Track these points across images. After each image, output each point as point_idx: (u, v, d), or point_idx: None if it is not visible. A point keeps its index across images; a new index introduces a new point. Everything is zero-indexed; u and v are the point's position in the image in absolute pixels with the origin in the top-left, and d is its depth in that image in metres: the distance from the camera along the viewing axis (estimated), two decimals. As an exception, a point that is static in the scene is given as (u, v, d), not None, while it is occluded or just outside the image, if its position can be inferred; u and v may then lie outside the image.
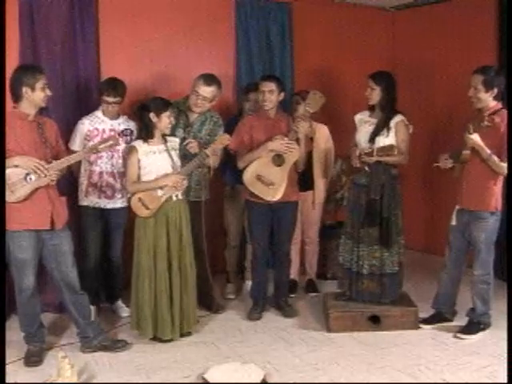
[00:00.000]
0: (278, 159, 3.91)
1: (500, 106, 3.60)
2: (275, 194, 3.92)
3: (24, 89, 3.21)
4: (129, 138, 3.91)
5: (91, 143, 3.76)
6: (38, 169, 3.16)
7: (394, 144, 3.75)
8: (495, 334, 3.73)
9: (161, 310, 3.57)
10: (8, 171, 3.14)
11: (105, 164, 3.91)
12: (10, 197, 3.17)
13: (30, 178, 3.19)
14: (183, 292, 3.65)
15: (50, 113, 3.84)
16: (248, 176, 3.95)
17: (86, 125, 3.89)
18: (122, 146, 3.82)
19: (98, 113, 3.94)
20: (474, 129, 3.51)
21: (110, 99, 3.86)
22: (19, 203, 3.19)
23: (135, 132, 3.96)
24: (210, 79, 3.99)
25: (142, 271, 3.56)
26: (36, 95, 3.23)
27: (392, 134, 3.81)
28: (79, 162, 3.80)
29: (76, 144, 3.89)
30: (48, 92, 3.29)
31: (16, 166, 3.16)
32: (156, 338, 3.63)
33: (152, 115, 3.53)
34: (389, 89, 3.84)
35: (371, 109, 3.94)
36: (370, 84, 3.85)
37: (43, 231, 3.29)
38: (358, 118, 4.01)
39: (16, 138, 3.18)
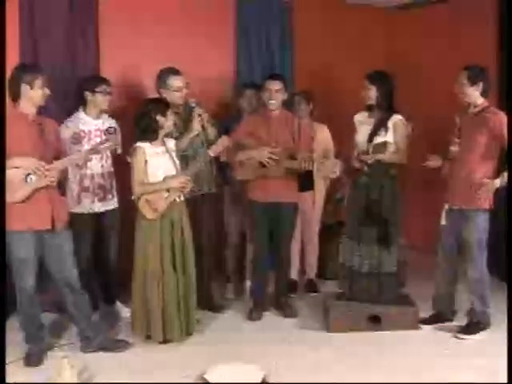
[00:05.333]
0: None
1: (487, 103, 3.65)
2: None
3: (23, 86, 3.20)
4: (113, 136, 3.86)
5: (79, 146, 3.74)
6: (39, 170, 3.16)
7: (389, 141, 3.75)
8: (495, 333, 3.73)
9: (169, 313, 3.54)
10: (8, 172, 3.14)
11: (95, 165, 3.86)
12: (10, 197, 3.17)
13: (31, 179, 3.18)
14: (187, 293, 3.64)
15: (50, 112, 3.83)
16: None
17: (70, 128, 3.82)
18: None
19: (80, 114, 3.88)
20: (459, 119, 3.68)
21: (108, 88, 3.85)
22: (20, 204, 3.19)
23: (118, 130, 3.95)
24: (174, 70, 3.96)
25: (150, 275, 3.52)
26: (35, 93, 3.23)
27: (390, 133, 3.82)
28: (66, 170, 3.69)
29: None
30: (47, 91, 3.28)
31: (17, 168, 3.16)
32: (165, 341, 3.60)
33: (159, 117, 3.53)
34: (384, 88, 3.85)
35: (370, 109, 3.95)
36: (366, 84, 3.87)
37: (44, 231, 3.28)
38: (357, 118, 4.02)
39: (16, 138, 3.17)
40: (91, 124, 3.88)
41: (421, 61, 5.53)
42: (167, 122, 3.57)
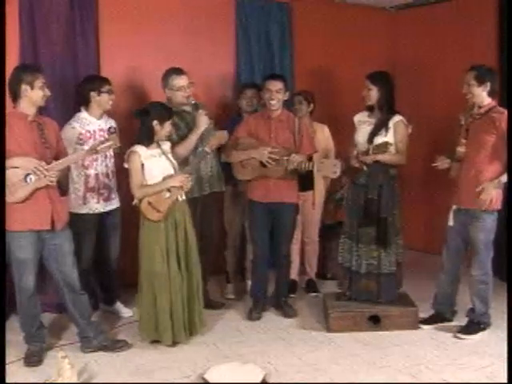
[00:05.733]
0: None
1: (494, 103, 3.64)
2: None
3: (23, 86, 3.20)
4: (115, 135, 3.85)
5: (85, 146, 3.70)
6: (38, 170, 3.15)
7: (389, 141, 3.75)
8: (495, 333, 3.74)
9: (177, 314, 3.53)
10: (8, 172, 3.14)
11: (100, 165, 3.86)
12: (10, 197, 3.17)
13: (30, 179, 3.18)
14: (192, 293, 3.62)
15: (51, 113, 3.83)
16: None
17: (77, 128, 3.79)
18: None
19: (83, 114, 3.86)
20: (465, 119, 3.63)
21: (111, 87, 3.84)
22: (20, 204, 3.19)
23: (117, 129, 3.95)
24: (178, 70, 3.97)
25: (158, 277, 3.49)
26: (35, 93, 3.23)
27: (390, 133, 3.81)
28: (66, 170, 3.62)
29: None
30: (47, 92, 3.28)
31: (16, 168, 3.15)
32: (173, 344, 3.58)
33: (155, 123, 3.51)
34: (386, 88, 3.85)
35: (370, 109, 3.95)
36: (367, 84, 3.86)
37: (44, 231, 3.28)
38: (356, 118, 4.02)
39: (16, 138, 3.17)
40: (95, 124, 3.87)
41: (422, 61, 5.53)
42: (162, 130, 3.54)
